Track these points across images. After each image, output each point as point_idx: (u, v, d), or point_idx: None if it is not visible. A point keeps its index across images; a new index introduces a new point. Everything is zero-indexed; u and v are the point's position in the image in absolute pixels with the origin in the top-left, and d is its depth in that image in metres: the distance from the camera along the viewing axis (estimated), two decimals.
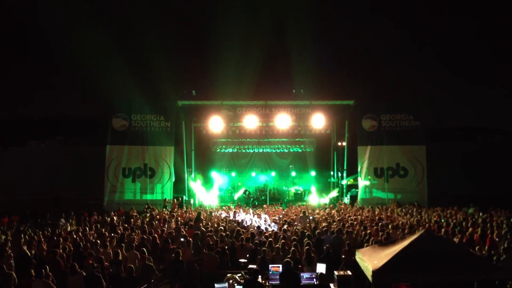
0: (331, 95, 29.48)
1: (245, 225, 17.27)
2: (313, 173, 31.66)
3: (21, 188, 34.87)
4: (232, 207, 23.55)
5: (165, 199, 25.88)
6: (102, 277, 9.49)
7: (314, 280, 9.80)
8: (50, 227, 16.94)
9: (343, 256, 11.30)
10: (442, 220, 16.79)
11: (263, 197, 29.86)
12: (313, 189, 30.16)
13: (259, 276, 9.53)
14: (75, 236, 14.46)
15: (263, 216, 19.21)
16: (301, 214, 18.41)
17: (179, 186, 28.25)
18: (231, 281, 9.66)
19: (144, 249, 11.88)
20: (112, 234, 14.48)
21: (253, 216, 19.42)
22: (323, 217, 18.65)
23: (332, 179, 30.94)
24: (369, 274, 7.47)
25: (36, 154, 46.74)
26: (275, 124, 28.38)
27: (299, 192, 30.99)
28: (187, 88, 28.94)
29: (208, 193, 29.15)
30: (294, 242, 12.11)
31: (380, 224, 15.50)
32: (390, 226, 15.18)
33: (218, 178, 31.86)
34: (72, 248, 12.46)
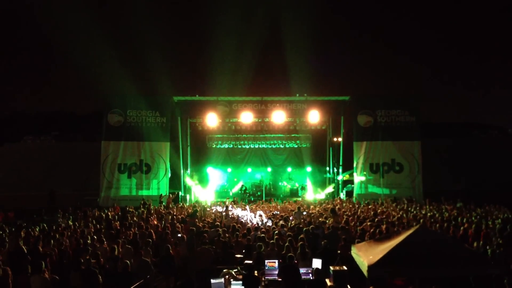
0: (327, 91, 29.60)
1: (241, 220, 17.30)
2: (309, 169, 31.68)
3: (16, 183, 34.79)
4: (227, 202, 23.56)
5: (161, 194, 25.88)
6: (98, 273, 9.49)
7: (310, 275, 9.84)
8: (46, 223, 16.90)
9: (339, 251, 11.33)
10: (437, 215, 16.86)
11: (258, 193, 29.88)
12: (309, 184, 30.25)
13: (255, 271, 9.58)
14: (71, 232, 14.44)
15: (259, 212, 19.23)
16: (296, 210, 18.47)
17: (175, 181, 28.23)
18: (227, 276, 9.68)
19: (140, 245, 11.89)
20: (109, 231, 14.47)
21: (249, 212, 19.46)
22: (319, 213, 18.71)
23: (328, 174, 30.99)
24: (364, 269, 7.51)
25: (32, 150, 46.63)
26: (271, 119, 28.40)
27: (295, 187, 31.05)
28: (184, 84, 29.04)
29: (204, 189, 29.19)
30: (289, 238, 12.14)
31: (375, 219, 15.55)
32: (385, 221, 15.24)
33: (214, 173, 31.87)
34: (68, 244, 12.44)
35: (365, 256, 7.83)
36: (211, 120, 27.76)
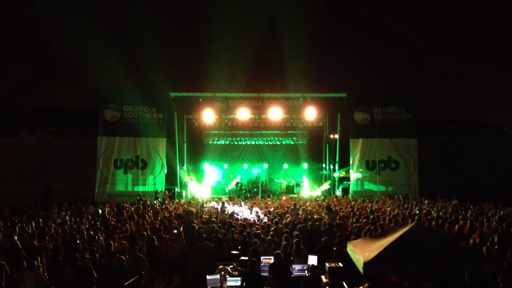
0: (323, 88, 29.54)
1: (237, 217, 17.29)
2: (305, 166, 31.65)
3: (12, 179, 34.72)
4: (223, 198, 23.53)
5: (157, 190, 25.84)
6: (93, 268, 9.47)
7: (306, 272, 9.83)
8: (42, 219, 16.87)
9: (335, 248, 11.33)
10: (433, 212, 16.90)
11: (255, 189, 29.86)
12: (305, 181, 30.23)
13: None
14: (66, 227, 14.40)
15: (255, 208, 19.23)
16: (292, 206, 18.48)
17: (171, 177, 28.19)
18: (222, 272, 9.67)
19: (136, 240, 11.86)
20: (105, 226, 14.43)
21: (245, 208, 19.45)
22: (314, 209, 18.73)
23: (324, 171, 30.99)
24: (360, 266, 7.52)
25: (28, 145, 46.47)
26: (267, 116, 28.37)
27: (291, 184, 31.03)
28: (181, 80, 29.00)
29: (200, 185, 29.15)
30: (285, 234, 12.12)
31: (371, 216, 15.57)
32: (381, 218, 15.27)
33: (210, 170, 31.82)
34: (63, 239, 12.40)
35: (360, 253, 7.84)
36: (208, 116, 27.72)
